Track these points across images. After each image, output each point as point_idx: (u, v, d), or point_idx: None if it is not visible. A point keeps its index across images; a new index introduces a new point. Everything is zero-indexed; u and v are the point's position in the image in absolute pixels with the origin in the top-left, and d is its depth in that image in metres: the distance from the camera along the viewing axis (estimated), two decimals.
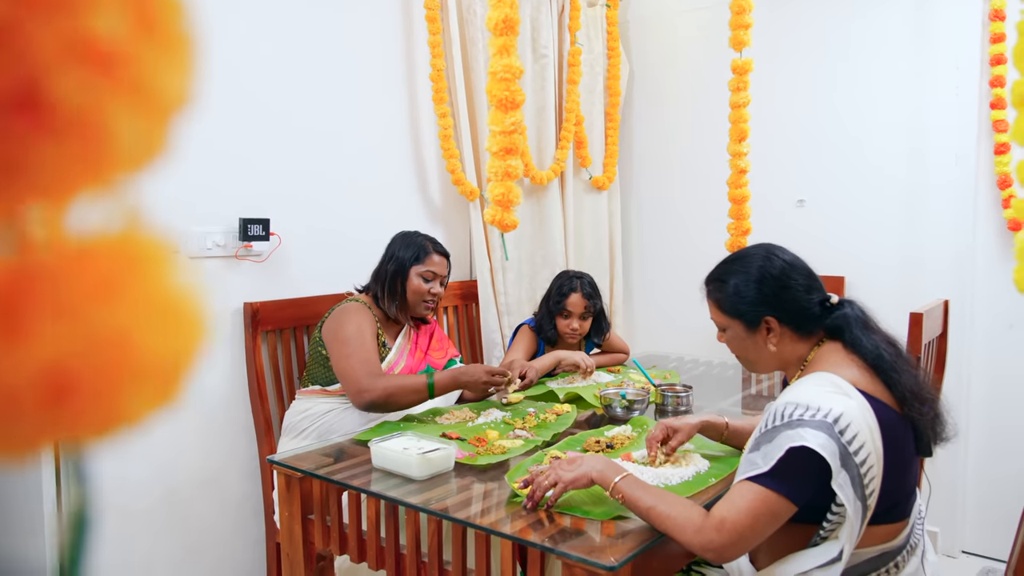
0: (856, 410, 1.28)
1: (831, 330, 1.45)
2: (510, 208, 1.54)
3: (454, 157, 2.90)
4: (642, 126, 3.89)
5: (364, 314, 2.15)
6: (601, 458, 1.47)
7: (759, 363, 1.51)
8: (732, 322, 1.49)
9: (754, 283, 1.46)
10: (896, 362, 1.38)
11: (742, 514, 1.26)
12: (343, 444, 1.92)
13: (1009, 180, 2.90)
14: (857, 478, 1.25)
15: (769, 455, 1.27)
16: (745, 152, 2.25)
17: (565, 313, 2.63)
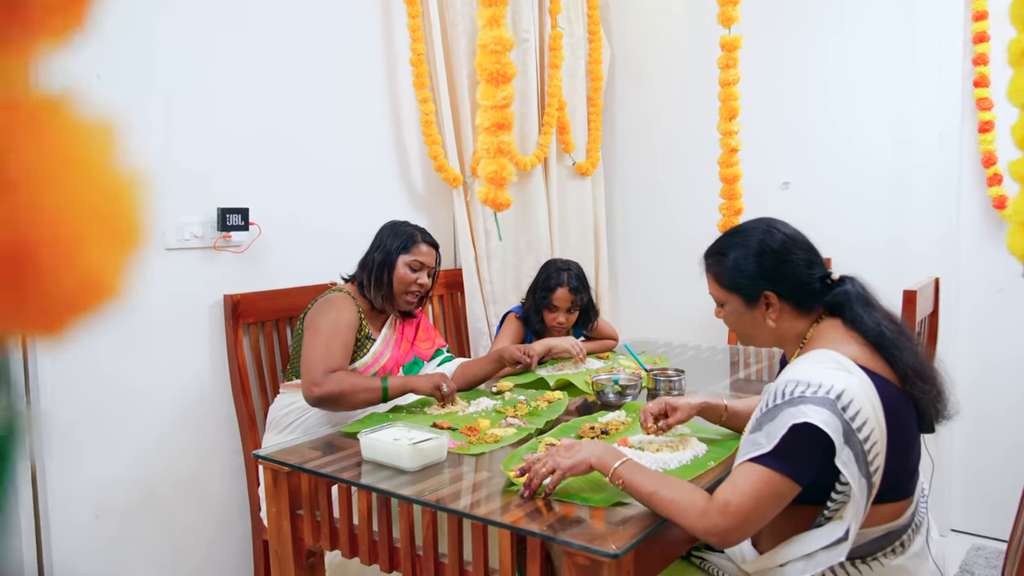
0: (858, 386, 1.25)
1: (831, 307, 1.42)
2: (503, 186, 1.50)
3: (436, 143, 2.84)
4: (624, 111, 3.85)
5: (347, 305, 2.10)
6: (599, 443, 1.43)
7: (757, 339, 1.48)
8: (731, 297, 1.46)
9: (754, 256, 1.42)
10: (898, 339, 1.35)
11: (746, 496, 1.23)
12: (331, 437, 1.87)
13: (993, 158, 2.90)
14: (861, 455, 1.22)
15: (772, 434, 1.24)
16: (736, 131, 2.22)
17: (551, 307, 2.59)
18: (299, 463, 1.67)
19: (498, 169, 1.42)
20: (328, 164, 2.64)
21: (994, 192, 2.90)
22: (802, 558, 1.32)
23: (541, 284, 2.60)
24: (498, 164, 1.42)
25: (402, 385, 2.01)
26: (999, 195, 2.89)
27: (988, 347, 2.96)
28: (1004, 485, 2.86)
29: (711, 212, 3.56)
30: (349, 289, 2.18)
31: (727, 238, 1.50)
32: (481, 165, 1.48)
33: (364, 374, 2.12)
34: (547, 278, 2.59)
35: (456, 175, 2.92)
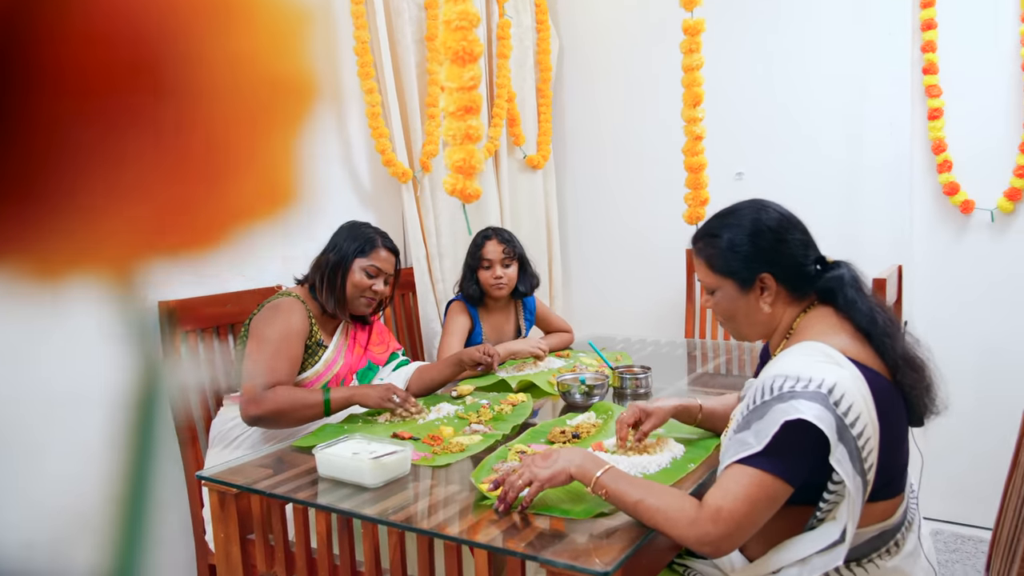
0: (849, 380, 1.19)
1: (823, 292, 1.35)
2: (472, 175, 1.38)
3: (383, 136, 2.70)
4: (574, 103, 3.77)
5: (296, 311, 1.95)
6: (578, 451, 1.34)
7: (749, 327, 1.40)
8: (724, 282, 1.36)
9: (748, 236, 1.34)
10: (888, 327, 1.29)
11: (738, 501, 1.15)
12: (282, 452, 1.73)
13: (943, 145, 2.92)
14: (855, 452, 1.16)
15: (762, 432, 1.16)
16: (700, 118, 2.16)
17: (485, 264, 2.53)
18: (248, 483, 1.52)
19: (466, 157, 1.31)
20: None
21: (944, 179, 2.92)
22: (796, 564, 1.25)
23: (470, 250, 2.57)
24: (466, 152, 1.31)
25: (346, 398, 1.88)
26: (949, 182, 2.91)
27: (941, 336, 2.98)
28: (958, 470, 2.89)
29: (663, 205, 3.52)
30: (299, 292, 2.03)
31: (718, 219, 1.41)
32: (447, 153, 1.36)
33: (316, 383, 1.98)
34: (473, 243, 2.57)
35: (405, 170, 2.78)
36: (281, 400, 1.79)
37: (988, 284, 2.90)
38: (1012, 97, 2.79)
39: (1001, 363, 2.85)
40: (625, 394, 2.14)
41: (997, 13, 2.79)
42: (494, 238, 2.55)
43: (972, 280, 2.92)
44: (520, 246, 2.62)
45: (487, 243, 2.54)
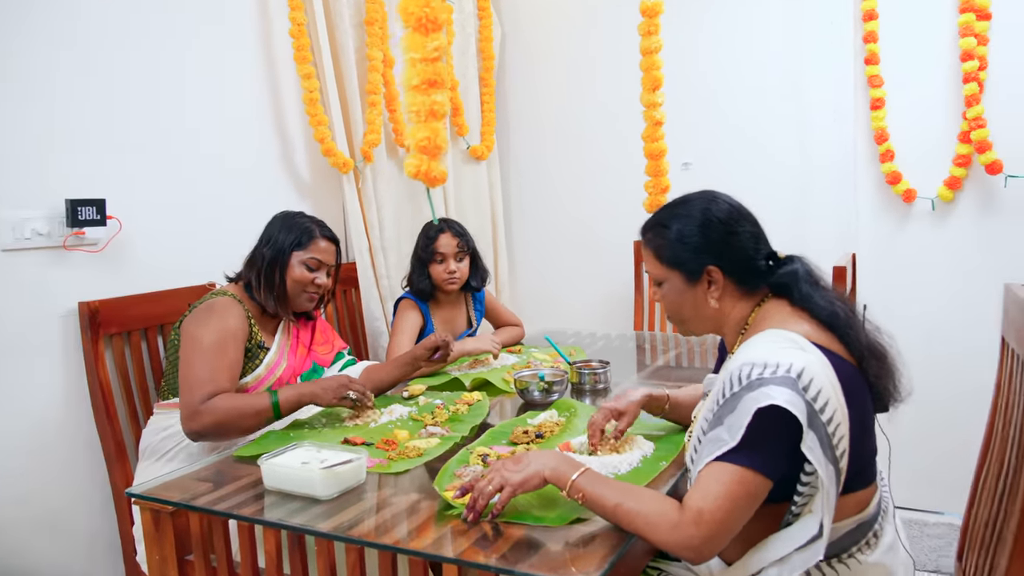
0: (817, 365, 1.14)
1: (776, 287, 1.31)
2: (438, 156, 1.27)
3: (322, 124, 2.56)
4: (517, 91, 3.69)
5: (233, 311, 1.80)
6: (550, 453, 1.26)
7: (696, 321, 1.35)
8: (671, 273, 1.32)
9: (698, 227, 1.30)
10: (850, 318, 1.26)
11: (719, 500, 1.10)
12: (221, 464, 1.59)
13: (885, 135, 2.94)
14: (826, 438, 1.11)
15: (735, 426, 1.11)
16: (660, 103, 2.09)
17: (438, 257, 2.44)
18: (186, 500, 1.39)
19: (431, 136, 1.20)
20: (198, 149, 2.31)
21: (887, 168, 2.95)
22: (775, 564, 1.19)
23: (421, 241, 2.47)
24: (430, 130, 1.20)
25: (297, 397, 1.74)
26: (892, 171, 2.93)
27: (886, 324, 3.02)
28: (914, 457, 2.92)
29: (609, 196, 3.47)
30: (234, 291, 1.88)
31: (667, 209, 1.36)
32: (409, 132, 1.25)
33: (259, 389, 1.84)
34: (424, 234, 2.48)
35: (346, 159, 2.65)
36: (223, 410, 1.64)
37: (930, 272, 2.94)
38: (951, 87, 2.83)
39: (945, 348, 2.90)
40: (584, 390, 2.07)
41: (937, 3, 2.82)
42: (447, 231, 2.45)
43: (915, 268, 2.96)
44: (471, 239, 2.54)
45: (440, 236, 2.44)
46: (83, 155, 1.98)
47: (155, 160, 2.18)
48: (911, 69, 2.90)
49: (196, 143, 2.30)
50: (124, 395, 2.02)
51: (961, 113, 2.80)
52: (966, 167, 2.83)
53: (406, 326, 2.44)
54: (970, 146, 2.79)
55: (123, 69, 2.09)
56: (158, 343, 2.13)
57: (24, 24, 1.85)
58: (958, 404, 2.84)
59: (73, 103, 1.97)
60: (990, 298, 2.83)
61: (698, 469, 1.15)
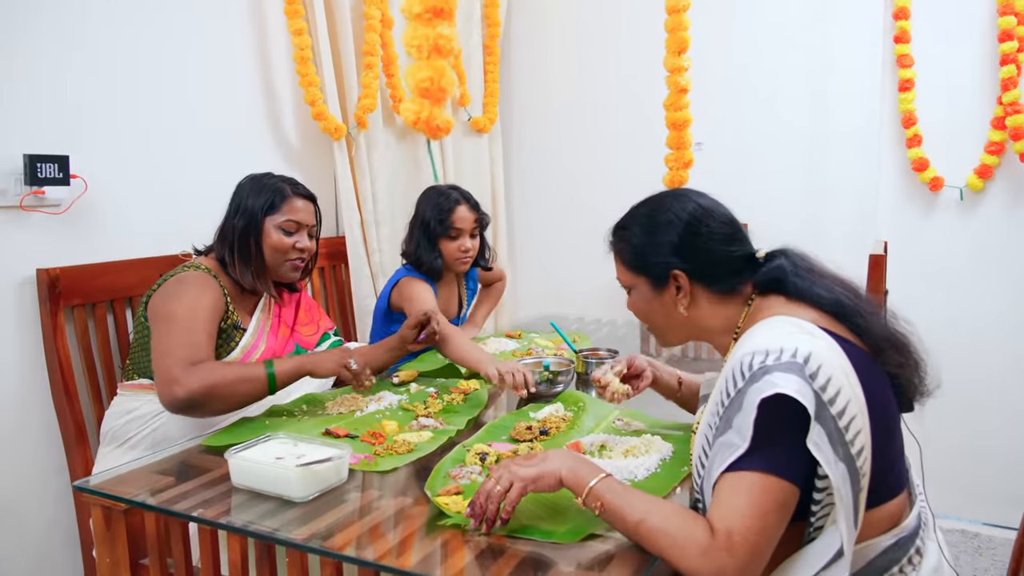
0: (826, 350, 1.00)
1: (766, 285, 1.17)
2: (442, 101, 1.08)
3: (314, 85, 2.36)
4: (523, 61, 3.49)
5: (207, 286, 1.62)
6: (568, 452, 1.11)
7: (669, 330, 1.26)
8: (637, 279, 1.22)
9: (660, 229, 1.19)
10: (859, 306, 1.11)
11: (747, 518, 0.95)
12: (187, 454, 1.41)
13: (913, 118, 2.77)
14: (836, 433, 0.96)
15: (743, 426, 0.97)
16: (686, 67, 1.91)
17: (454, 233, 2.14)
18: (142, 496, 1.21)
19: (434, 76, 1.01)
20: (177, 106, 2.12)
21: (913, 154, 2.78)
22: None
23: (433, 211, 2.14)
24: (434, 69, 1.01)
25: (295, 368, 1.55)
26: (919, 157, 2.76)
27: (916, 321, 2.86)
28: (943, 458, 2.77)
29: (618, 175, 3.29)
30: (209, 265, 1.69)
31: (632, 210, 1.27)
32: (409, 70, 1.06)
33: None
34: (438, 204, 2.15)
35: (338, 124, 2.45)
36: (213, 375, 1.44)
37: (956, 266, 2.78)
38: (986, 69, 2.66)
39: (970, 346, 2.74)
40: (590, 381, 1.90)
41: None
42: (464, 203, 2.16)
43: (939, 261, 2.80)
44: (486, 214, 2.28)
45: (458, 208, 2.14)
46: (45, 106, 1.79)
47: (127, 115, 1.98)
48: (944, 49, 2.72)
49: (174, 98, 2.11)
50: (86, 373, 1.84)
51: (996, 98, 2.63)
52: (998, 155, 2.66)
53: (428, 296, 2.11)
54: (1004, 133, 2.62)
55: (97, 13, 1.89)
56: (126, 317, 1.95)
57: None
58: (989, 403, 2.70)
59: (34, 46, 1.77)
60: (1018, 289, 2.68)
61: (711, 481, 1.00)
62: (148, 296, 1.63)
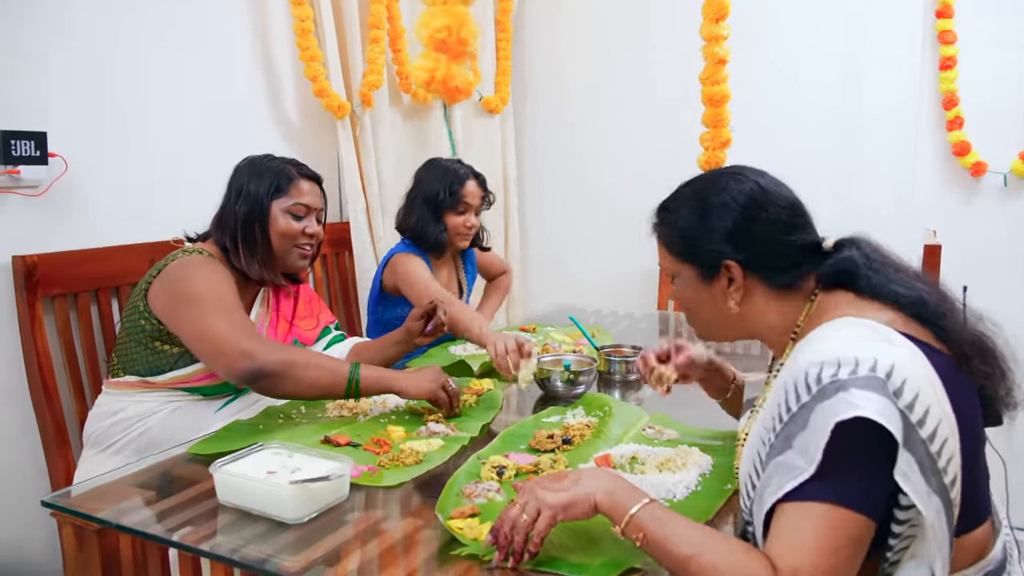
0: (909, 360, 0.85)
1: (833, 279, 1.01)
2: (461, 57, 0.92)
3: (315, 60, 2.21)
4: (536, 37, 3.32)
5: (219, 269, 1.50)
6: (605, 473, 0.96)
7: (715, 326, 1.10)
8: (682, 267, 1.08)
9: (712, 213, 1.03)
10: (942, 305, 0.95)
11: (816, 555, 0.80)
12: (172, 464, 1.27)
13: (955, 99, 2.60)
14: (927, 460, 0.82)
15: (809, 449, 0.82)
16: (725, 35, 1.74)
17: (462, 207, 2.13)
18: (115, 515, 1.07)
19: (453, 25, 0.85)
20: (166, 78, 1.97)
21: (954, 137, 2.61)
22: None
23: (441, 185, 2.11)
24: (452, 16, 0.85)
25: (378, 382, 1.42)
26: (960, 140, 2.60)
27: None
28: None
29: (637, 158, 3.13)
30: (211, 251, 1.56)
31: (680, 189, 1.11)
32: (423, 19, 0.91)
33: None
34: (445, 176, 2.13)
35: (341, 102, 2.30)
36: (293, 352, 1.38)
37: (998, 255, 2.61)
38: None
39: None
40: (613, 380, 1.76)
41: None
42: (473, 178, 2.15)
43: (981, 250, 2.63)
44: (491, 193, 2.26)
45: (468, 182, 2.13)
46: (20, 78, 1.65)
47: (110, 89, 1.84)
48: (989, 25, 2.55)
49: (163, 72, 1.96)
50: (67, 370, 1.70)
51: None
52: None
53: (424, 272, 2.04)
54: None
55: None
56: (112, 308, 1.81)
57: None
58: None
59: (11, 16, 1.62)
60: None
61: (764, 506, 0.85)
62: (147, 285, 1.49)
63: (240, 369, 1.33)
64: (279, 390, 1.37)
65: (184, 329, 1.41)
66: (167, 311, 1.44)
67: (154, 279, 1.48)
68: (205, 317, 1.38)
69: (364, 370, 1.41)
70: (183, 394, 1.51)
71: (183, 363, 1.49)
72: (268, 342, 1.39)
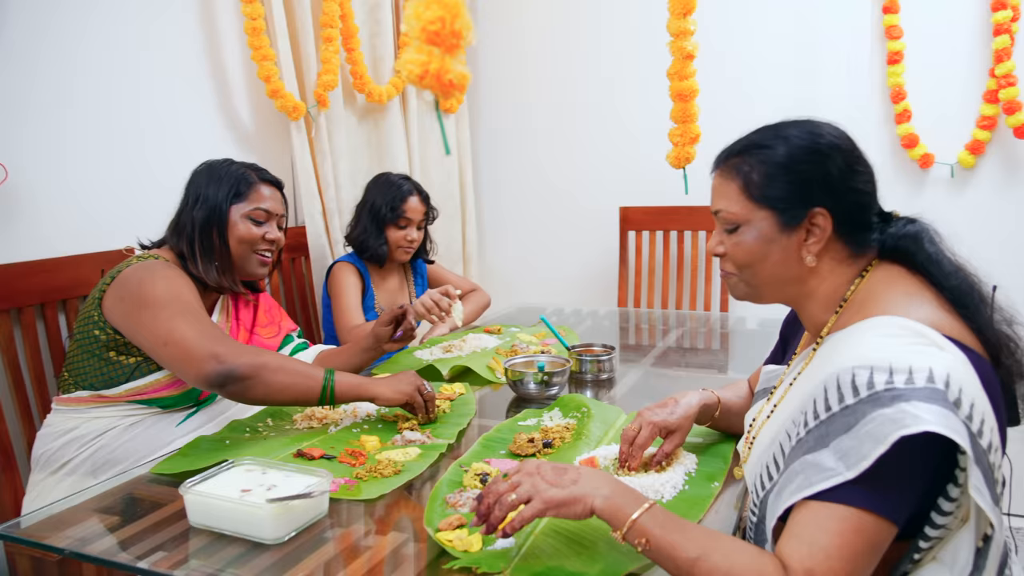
0: (961, 368, 0.83)
1: (895, 249, 0.97)
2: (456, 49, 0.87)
3: (268, 59, 2.14)
4: (490, 32, 3.28)
5: (179, 274, 1.44)
6: (605, 476, 0.92)
7: (773, 283, 1.01)
8: (760, 214, 0.97)
9: (815, 156, 0.95)
10: (984, 296, 0.94)
11: (833, 559, 0.78)
12: (134, 485, 1.21)
13: (903, 92, 2.66)
14: (989, 472, 0.81)
15: (854, 453, 0.79)
16: (693, 31, 1.74)
17: (403, 222, 2.20)
18: (76, 546, 1.00)
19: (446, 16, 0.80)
20: (111, 81, 1.88)
21: (903, 130, 2.66)
22: None
23: (384, 199, 2.19)
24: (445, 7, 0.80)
25: (354, 388, 1.37)
26: (908, 133, 2.65)
27: None
28: None
29: (592, 156, 3.13)
30: (168, 258, 1.49)
31: (770, 129, 1.01)
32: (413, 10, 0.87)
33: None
34: (389, 191, 2.20)
35: (296, 103, 2.23)
36: (264, 355, 1.31)
37: None
38: (978, 41, 2.55)
39: None
40: (584, 380, 1.74)
41: None
42: (416, 194, 2.22)
43: None
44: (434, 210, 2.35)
45: (410, 198, 2.20)
46: None
47: (52, 94, 1.74)
48: (934, 19, 2.61)
49: (109, 74, 1.87)
50: (13, 389, 1.60)
51: (988, 70, 2.53)
52: (991, 130, 2.56)
53: (353, 290, 2.15)
54: (997, 107, 2.52)
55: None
56: (59, 322, 1.71)
57: None
58: None
59: None
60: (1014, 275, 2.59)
61: (783, 501, 0.83)
62: (100, 293, 1.41)
63: (209, 372, 1.27)
64: (250, 395, 1.31)
65: (146, 336, 1.34)
66: (126, 318, 1.36)
67: (108, 287, 1.41)
68: (169, 321, 1.32)
69: (339, 376, 1.36)
70: (141, 407, 1.44)
71: (140, 374, 1.42)
72: (238, 345, 1.33)
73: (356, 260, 2.22)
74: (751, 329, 2.30)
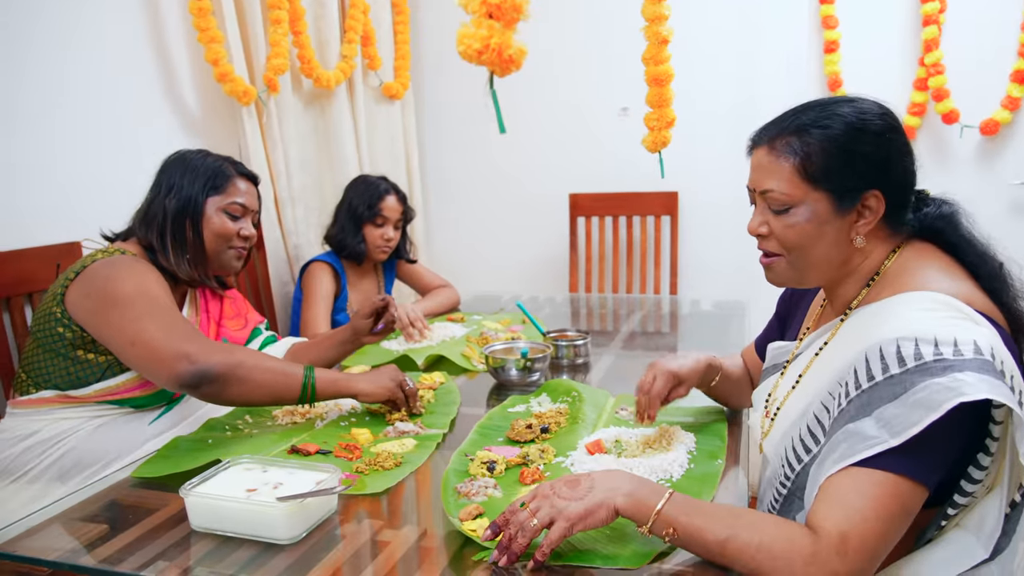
0: (997, 340, 0.87)
1: (930, 227, 1.00)
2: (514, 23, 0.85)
3: (216, 42, 2.04)
4: (435, 20, 3.23)
5: (147, 268, 1.37)
6: (622, 474, 0.92)
7: (817, 267, 1.00)
8: (815, 195, 0.95)
9: (872, 137, 0.94)
10: (1008, 274, 0.98)
11: (869, 522, 0.81)
12: (116, 492, 1.13)
13: (839, 80, 2.76)
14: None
15: (902, 421, 0.81)
16: (667, 15, 1.75)
17: (380, 221, 2.22)
18: (68, 558, 0.94)
19: None
20: (50, 64, 1.75)
21: None
22: None
23: (362, 198, 2.23)
24: None
25: (333, 385, 1.32)
26: None
27: None
28: None
29: (541, 142, 3.13)
30: (135, 252, 1.41)
31: (822, 108, 0.98)
32: None
33: None
34: (367, 191, 2.24)
35: (246, 87, 2.14)
36: (239, 353, 1.25)
37: None
38: (909, 31, 2.67)
39: None
40: (561, 365, 1.74)
41: None
42: (394, 194, 2.24)
43: None
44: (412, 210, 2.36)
45: (387, 197, 2.22)
46: None
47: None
48: (868, 10, 2.72)
49: (50, 58, 1.74)
50: None
51: (918, 59, 2.65)
52: (920, 116, 2.70)
53: (323, 291, 2.13)
54: (926, 94, 2.65)
55: None
56: (3, 322, 1.60)
57: None
58: None
59: None
60: None
61: (827, 471, 0.85)
62: (63, 288, 1.32)
63: (180, 373, 1.20)
64: (225, 396, 1.24)
65: (113, 335, 1.26)
66: (92, 316, 1.28)
67: (71, 282, 1.32)
68: (136, 320, 1.25)
69: (318, 372, 1.32)
70: (111, 407, 1.36)
71: (112, 373, 1.34)
72: (210, 343, 1.26)
73: (334, 259, 2.21)
74: (708, 311, 2.35)
